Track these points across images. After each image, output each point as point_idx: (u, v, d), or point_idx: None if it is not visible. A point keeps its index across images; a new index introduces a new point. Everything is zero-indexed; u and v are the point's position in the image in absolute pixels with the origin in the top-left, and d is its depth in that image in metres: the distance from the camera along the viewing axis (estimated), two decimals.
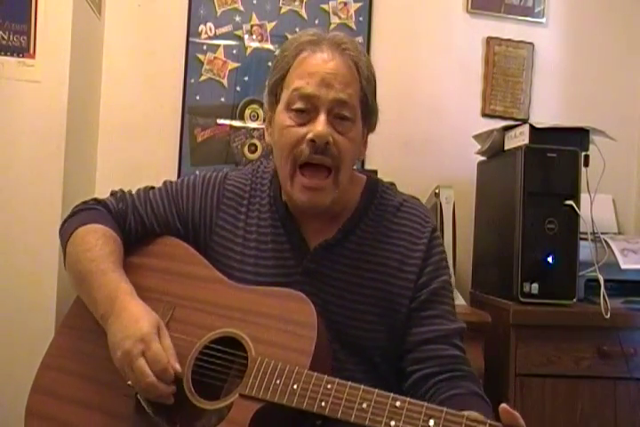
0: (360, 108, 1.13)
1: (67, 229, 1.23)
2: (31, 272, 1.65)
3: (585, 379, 1.76)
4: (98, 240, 1.16)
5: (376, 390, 0.94)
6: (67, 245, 1.21)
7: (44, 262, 1.65)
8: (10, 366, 1.62)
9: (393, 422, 0.90)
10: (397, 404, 0.92)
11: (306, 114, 1.09)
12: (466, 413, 0.89)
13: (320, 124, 1.07)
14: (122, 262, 1.17)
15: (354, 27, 2.27)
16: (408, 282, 1.15)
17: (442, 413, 0.88)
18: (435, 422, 0.88)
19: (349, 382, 0.95)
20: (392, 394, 0.93)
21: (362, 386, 0.95)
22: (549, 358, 1.75)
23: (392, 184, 1.28)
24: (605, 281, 1.78)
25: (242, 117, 2.22)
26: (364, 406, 0.93)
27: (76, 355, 1.15)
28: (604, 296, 1.73)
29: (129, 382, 1.03)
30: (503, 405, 0.86)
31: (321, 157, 1.08)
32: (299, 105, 1.09)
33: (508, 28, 2.35)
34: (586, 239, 1.84)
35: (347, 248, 1.16)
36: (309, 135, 1.07)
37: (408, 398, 0.92)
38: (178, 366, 1.03)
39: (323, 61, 1.09)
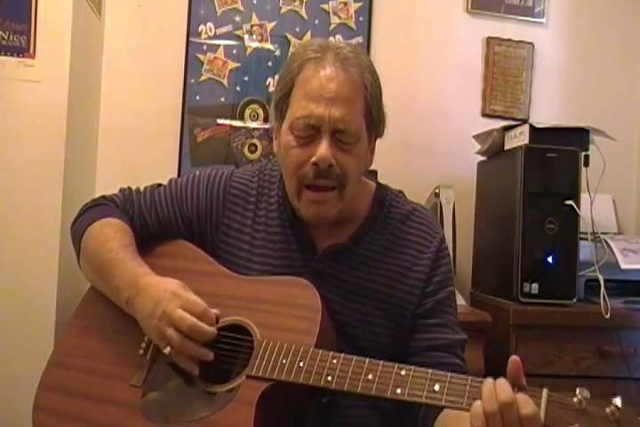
0: (365, 122, 1.13)
1: (81, 225, 1.25)
2: (31, 272, 1.64)
3: (585, 379, 1.76)
4: (117, 233, 1.19)
5: (381, 362, 0.96)
6: (82, 239, 1.23)
7: (44, 262, 1.65)
8: (10, 366, 1.61)
9: (399, 390, 0.93)
10: (403, 372, 0.94)
11: (309, 135, 1.10)
12: (469, 376, 0.91)
13: (322, 148, 1.08)
14: (138, 253, 1.19)
15: (354, 27, 2.27)
16: (414, 288, 1.16)
17: (447, 377, 0.91)
18: (440, 386, 0.91)
19: (355, 356, 0.97)
20: (397, 364, 0.95)
21: (367, 359, 0.97)
22: (549, 358, 1.75)
23: (400, 192, 1.29)
24: (605, 281, 1.78)
25: (242, 117, 2.22)
26: (370, 377, 0.95)
27: (83, 352, 1.17)
28: (604, 296, 1.73)
29: (165, 350, 1.04)
30: (515, 356, 0.88)
31: (324, 181, 1.10)
32: (302, 133, 1.10)
33: (508, 28, 2.35)
34: (586, 239, 1.85)
35: (355, 253, 1.18)
36: (312, 159, 1.08)
37: (413, 367, 0.94)
38: (215, 310, 1.07)
39: (326, 80, 1.08)
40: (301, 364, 0.98)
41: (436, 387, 0.91)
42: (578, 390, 0.86)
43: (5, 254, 1.64)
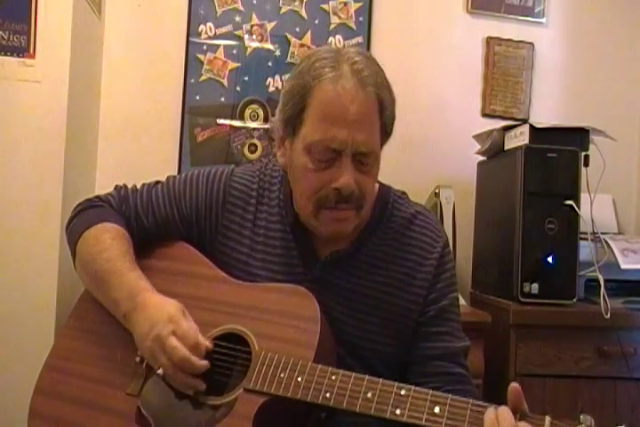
0: (381, 136, 1.10)
1: (76, 228, 1.22)
2: (31, 272, 1.64)
3: (585, 379, 1.76)
4: (113, 240, 1.16)
5: (381, 380, 0.94)
6: (77, 244, 1.20)
7: (44, 262, 1.65)
8: (10, 367, 1.61)
9: (398, 411, 0.91)
10: (402, 392, 0.93)
11: (329, 159, 1.05)
12: (470, 399, 0.90)
13: (346, 175, 1.04)
14: (136, 261, 1.16)
15: (354, 27, 2.27)
16: (416, 296, 1.14)
17: (447, 399, 0.90)
18: (440, 409, 0.89)
19: (354, 373, 0.96)
20: (397, 383, 0.94)
21: (367, 376, 0.95)
22: (549, 358, 1.75)
23: (403, 193, 1.26)
24: (605, 281, 1.78)
25: (242, 117, 2.22)
26: (369, 395, 0.93)
27: (80, 356, 1.15)
28: (604, 296, 1.73)
29: (159, 371, 1.03)
30: (515, 384, 0.87)
31: (346, 205, 1.07)
32: (322, 156, 1.05)
33: (508, 28, 2.35)
34: (586, 239, 1.84)
35: (357, 259, 1.15)
36: (335, 184, 1.04)
37: (413, 387, 0.93)
38: (208, 342, 1.03)
39: (348, 102, 1.02)
40: (299, 379, 0.97)
41: (437, 409, 0.89)
42: (582, 418, 0.84)
43: (5, 254, 1.64)
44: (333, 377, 0.96)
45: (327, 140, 1.03)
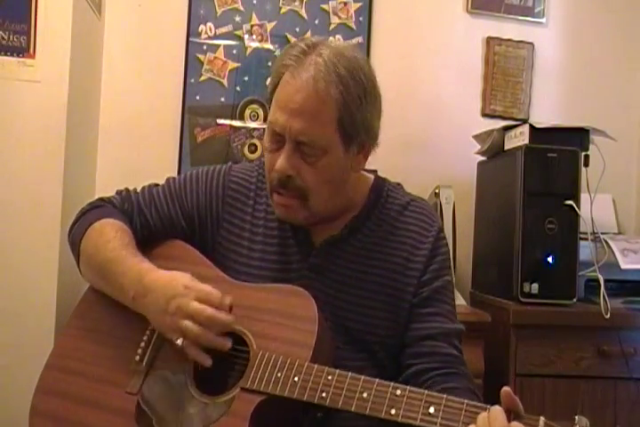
0: (339, 134, 1.09)
1: (79, 229, 1.23)
2: (31, 272, 1.64)
3: (585, 379, 1.76)
4: (116, 233, 1.18)
5: (377, 380, 0.96)
6: (81, 241, 1.21)
7: (44, 263, 1.65)
8: (11, 366, 1.62)
9: (393, 411, 0.92)
10: (398, 392, 0.93)
11: (278, 141, 1.11)
12: (465, 400, 0.90)
13: (280, 158, 1.09)
14: (139, 251, 1.18)
15: (354, 27, 2.27)
16: (412, 278, 1.16)
17: (442, 400, 0.91)
18: (435, 409, 0.90)
19: (350, 373, 0.97)
20: (392, 383, 0.95)
21: (362, 376, 0.96)
22: (549, 358, 1.75)
23: (398, 184, 1.29)
24: (605, 281, 1.78)
25: (242, 117, 2.22)
26: (365, 395, 0.94)
27: (81, 355, 1.16)
28: (603, 296, 1.74)
29: (178, 341, 1.03)
30: (506, 388, 0.87)
31: (284, 191, 1.11)
32: (271, 138, 1.11)
33: (508, 28, 2.35)
34: (586, 239, 1.84)
35: (352, 245, 1.18)
36: (274, 167, 1.10)
37: (408, 387, 0.94)
38: (229, 297, 1.05)
39: (294, 90, 1.07)
40: (296, 378, 0.98)
41: (431, 410, 0.90)
42: (577, 419, 0.84)
43: (5, 254, 1.65)
44: (330, 377, 0.97)
45: (272, 123, 1.10)
